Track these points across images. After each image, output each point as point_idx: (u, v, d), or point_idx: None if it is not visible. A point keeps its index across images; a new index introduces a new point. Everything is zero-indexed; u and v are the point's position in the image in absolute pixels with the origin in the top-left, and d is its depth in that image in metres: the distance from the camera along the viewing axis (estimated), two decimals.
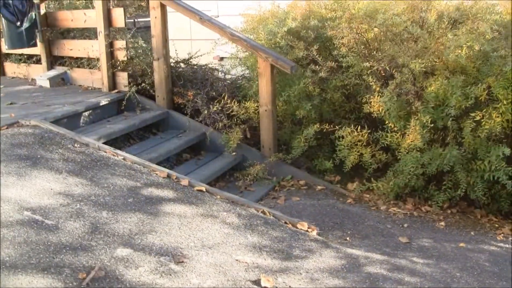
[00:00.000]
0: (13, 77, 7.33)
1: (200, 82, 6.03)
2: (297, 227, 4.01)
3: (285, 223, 4.04)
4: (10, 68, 7.39)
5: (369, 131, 4.87)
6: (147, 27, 6.16)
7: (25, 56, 7.25)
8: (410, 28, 4.71)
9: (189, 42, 9.10)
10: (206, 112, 5.63)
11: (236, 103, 5.51)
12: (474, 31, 4.61)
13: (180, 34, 8.94)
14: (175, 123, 5.89)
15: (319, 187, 5.17)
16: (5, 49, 6.97)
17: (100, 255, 3.10)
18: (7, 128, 4.57)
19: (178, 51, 6.29)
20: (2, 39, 6.92)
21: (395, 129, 4.69)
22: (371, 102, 4.79)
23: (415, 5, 4.99)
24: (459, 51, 4.42)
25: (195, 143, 5.72)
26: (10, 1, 6.37)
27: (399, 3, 5.05)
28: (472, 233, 4.33)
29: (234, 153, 5.53)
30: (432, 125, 4.46)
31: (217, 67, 6.67)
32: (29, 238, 3.11)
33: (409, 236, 4.15)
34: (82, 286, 2.80)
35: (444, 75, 4.51)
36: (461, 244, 4.03)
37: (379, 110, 4.73)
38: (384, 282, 3.33)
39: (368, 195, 4.97)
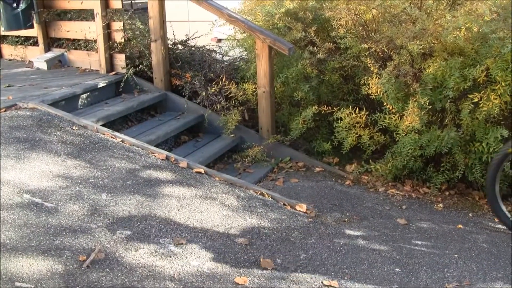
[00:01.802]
0: (10, 59, 7.29)
1: (198, 64, 6.01)
2: (295, 209, 4.03)
3: (284, 204, 4.06)
4: (7, 50, 7.36)
5: (367, 112, 4.87)
6: (145, 9, 6.12)
7: (22, 38, 7.20)
8: (409, 9, 4.68)
9: (186, 23, 9.05)
10: (204, 93, 5.62)
11: (234, 84, 5.49)
12: (472, 12, 4.59)
13: (178, 15, 8.89)
14: (173, 105, 5.87)
15: (317, 169, 5.18)
16: (1, 31, 6.92)
17: (100, 237, 3.12)
18: (5, 110, 4.56)
19: (176, 32, 6.26)
20: None
21: (393, 111, 4.68)
22: (369, 83, 4.78)
23: None
24: (458, 33, 4.41)
25: (193, 125, 5.71)
26: None
27: None
28: (470, 214, 4.35)
29: (232, 135, 5.52)
30: (430, 107, 4.46)
31: (215, 49, 6.63)
32: (29, 221, 3.12)
33: (407, 217, 4.17)
34: (82, 268, 2.82)
35: (442, 57, 4.50)
36: (459, 226, 4.06)
37: (377, 92, 4.72)
38: (383, 263, 3.35)
39: (366, 177, 4.98)
